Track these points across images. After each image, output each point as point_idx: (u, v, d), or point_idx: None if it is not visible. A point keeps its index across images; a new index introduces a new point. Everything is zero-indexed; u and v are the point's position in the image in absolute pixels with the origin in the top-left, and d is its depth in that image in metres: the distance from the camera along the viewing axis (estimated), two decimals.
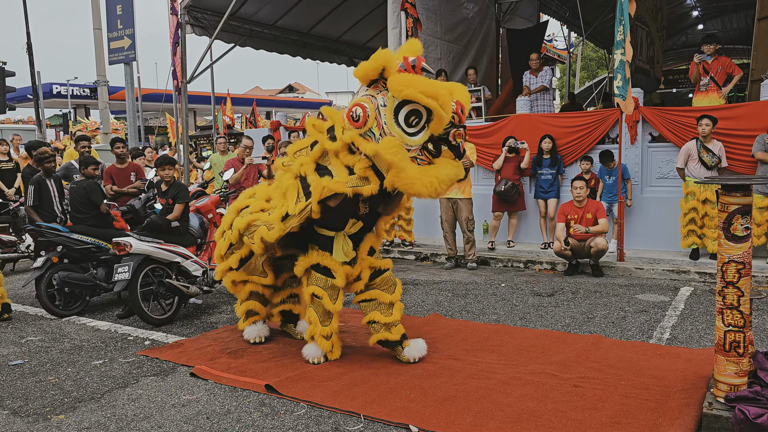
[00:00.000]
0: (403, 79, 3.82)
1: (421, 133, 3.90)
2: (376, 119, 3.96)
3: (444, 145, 3.99)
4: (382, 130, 3.94)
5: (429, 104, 3.73)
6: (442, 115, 3.77)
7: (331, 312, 4.43)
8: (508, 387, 3.92)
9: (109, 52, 12.59)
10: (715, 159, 7.41)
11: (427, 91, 3.73)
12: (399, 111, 3.88)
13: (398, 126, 3.90)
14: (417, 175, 3.86)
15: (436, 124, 3.83)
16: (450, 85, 4.12)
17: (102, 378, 4.38)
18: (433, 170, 3.91)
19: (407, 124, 3.89)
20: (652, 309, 5.86)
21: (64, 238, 6.18)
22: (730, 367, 3.03)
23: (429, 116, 3.84)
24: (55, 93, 29.66)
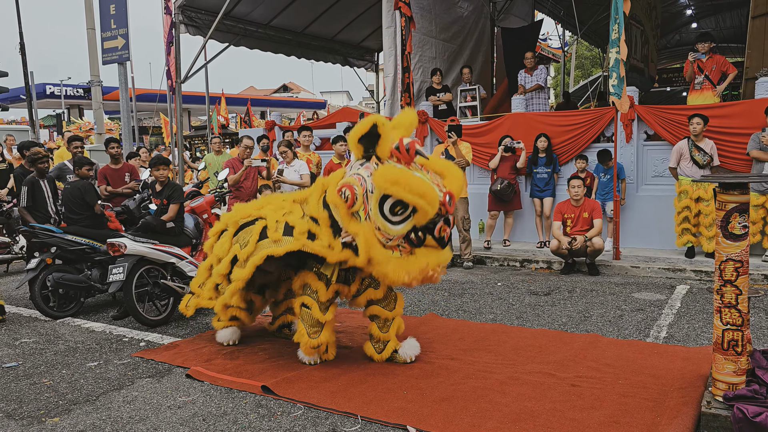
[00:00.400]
0: (391, 175, 3.83)
1: (404, 223, 3.92)
2: (363, 204, 4.02)
3: (428, 235, 3.97)
4: (368, 216, 4.00)
5: (415, 203, 3.77)
6: (428, 211, 3.82)
7: (321, 322, 4.35)
8: (506, 387, 3.90)
9: (102, 52, 12.51)
10: (707, 158, 7.43)
11: (414, 190, 3.76)
12: (384, 201, 3.91)
13: (382, 216, 3.93)
14: (391, 269, 3.93)
15: (420, 217, 3.86)
16: (443, 166, 4.15)
17: (97, 380, 4.34)
18: (408, 263, 3.94)
19: (392, 213, 3.92)
20: (648, 307, 5.86)
21: (58, 239, 6.14)
22: (729, 366, 3.02)
23: (415, 208, 3.86)
24: (48, 93, 29.52)
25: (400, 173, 3.84)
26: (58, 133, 26.44)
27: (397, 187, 3.77)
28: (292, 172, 8.05)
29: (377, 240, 3.96)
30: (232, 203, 7.73)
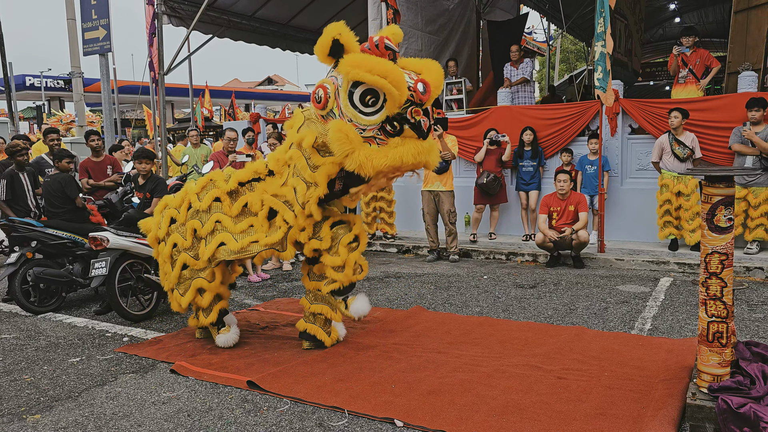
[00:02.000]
0: (353, 59, 3.80)
1: (378, 114, 3.87)
2: (336, 100, 3.97)
3: (405, 124, 3.92)
4: (341, 111, 3.95)
5: (377, 83, 3.72)
6: (393, 93, 3.74)
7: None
8: (493, 380, 3.90)
9: (83, 43, 12.31)
10: (687, 151, 7.49)
11: (375, 70, 3.70)
12: (353, 91, 3.86)
13: (353, 107, 3.89)
14: (365, 157, 3.84)
15: (390, 103, 3.81)
16: (420, 63, 4.10)
17: (79, 376, 4.28)
18: (384, 151, 3.88)
19: (364, 104, 3.86)
20: (632, 300, 5.90)
21: (38, 233, 6.05)
22: (713, 358, 3.04)
23: (386, 98, 3.81)
24: (28, 85, 29.07)
25: (362, 57, 3.80)
26: (38, 125, 26.05)
27: (359, 69, 3.72)
28: None
29: (346, 130, 3.85)
30: None
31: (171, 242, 4.74)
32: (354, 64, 3.76)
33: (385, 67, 3.74)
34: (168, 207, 4.83)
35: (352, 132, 3.85)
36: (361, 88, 3.83)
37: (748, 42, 8.88)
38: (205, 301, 4.72)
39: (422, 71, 4.03)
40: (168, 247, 4.75)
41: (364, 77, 3.72)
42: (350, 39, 3.93)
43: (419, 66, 4.10)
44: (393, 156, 3.87)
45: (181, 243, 4.70)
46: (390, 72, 3.73)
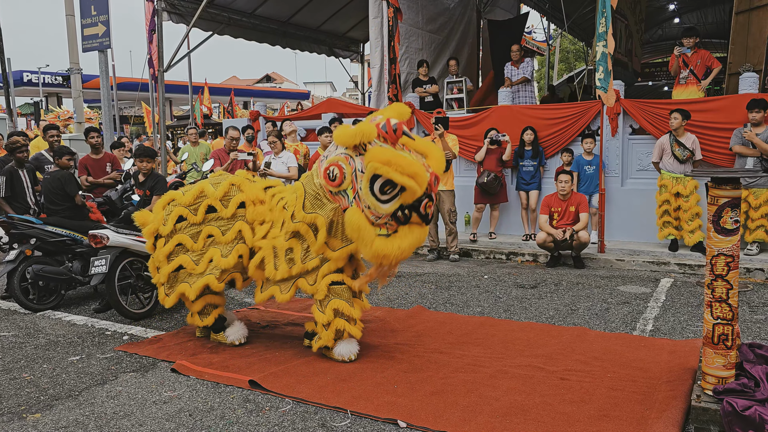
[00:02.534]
0: (383, 156, 3.90)
1: (392, 201, 3.99)
2: (352, 182, 4.12)
3: (414, 212, 4.05)
4: (357, 195, 4.09)
5: (406, 184, 3.86)
6: (416, 192, 3.92)
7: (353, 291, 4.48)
8: (495, 380, 3.89)
9: (82, 39, 12.24)
10: (687, 152, 7.48)
11: (406, 170, 3.86)
12: (375, 180, 3.97)
13: (373, 195, 3.99)
14: (380, 248, 4.01)
15: (409, 197, 3.95)
16: (425, 146, 4.18)
17: (79, 374, 4.25)
18: (397, 241, 4.04)
19: (381, 192, 3.98)
20: (634, 300, 5.89)
21: (37, 230, 6.02)
22: (719, 360, 3.03)
23: (403, 187, 3.93)
24: (25, 81, 28.94)
25: (391, 154, 3.92)
26: (36, 121, 25.95)
27: (390, 167, 3.85)
28: (279, 163, 7.95)
29: (364, 222, 4.04)
30: None
31: (175, 241, 4.66)
32: (385, 161, 3.87)
33: (414, 168, 3.88)
34: (177, 204, 4.70)
35: (368, 227, 4.04)
36: (382, 179, 3.93)
37: (749, 43, 8.87)
38: (197, 306, 4.74)
39: (427, 155, 4.13)
40: (170, 245, 4.67)
41: (394, 177, 3.85)
42: (375, 136, 4.03)
43: (423, 148, 4.17)
44: (404, 246, 4.05)
45: (189, 245, 4.63)
46: (418, 174, 3.89)
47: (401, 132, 4.05)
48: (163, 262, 4.73)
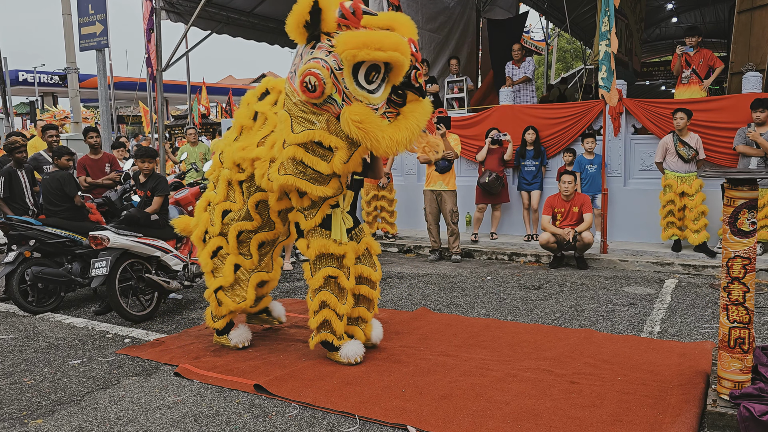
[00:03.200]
0: (356, 40, 3.55)
1: (382, 87, 3.75)
2: (335, 85, 3.70)
3: (407, 90, 3.83)
4: (345, 96, 3.72)
5: (392, 59, 3.56)
6: (404, 65, 3.62)
7: (346, 290, 4.18)
8: (504, 384, 3.84)
9: (79, 38, 12.13)
10: (692, 152, 7.44)
11: (387, 46, 3.52)
12: (357, 71, 3.68)
13: (360, 88, 3.70)
14: (392, 136, 3.71)
15: (398, 74, 3.69)
16: (389, 18, 3.86)
17: (81, 379, 4.18)
18: (404, 123, 3.79)
19: (368, 81, 3.71)
20: (639, 302, 5.85)
21: (36, 231, 5.94)
22: (735, 364, 2.99)
23: (387, 67, 3.68)
24: (21, 80, 28.81)
25: (363, 35, 3.57)
26: (32, 121, 25.81)
27: (369, 49, 3.51)
28: None
29: (369, 112, 3.70)
30: None
31: (234, 232, 4.46)
32: (359, 44, 3.52)
33: (393, 40, 3.56)
34: (217, 202, 4.49)
35: (371, 114, 3.70)
36: (365, 66, 3.66)
37: (752, 42, 8.84)
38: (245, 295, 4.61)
39: (395, 26, 3.79)
40: (233, 239, 4.47)
41: (377, 56, 3.53)
42: (329, 10, 3.65)
43: (387, 21, 3.83)
44: (412, 126, 3.79)
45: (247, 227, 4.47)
46: (400, 45, 3.57)
47: (360, 12, 3.69)
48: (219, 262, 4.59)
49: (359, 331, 4.35)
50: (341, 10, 3.68)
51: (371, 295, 4.35)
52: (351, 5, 3.69)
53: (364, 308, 4.36)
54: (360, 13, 3.69)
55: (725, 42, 16.72)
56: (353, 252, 4.18)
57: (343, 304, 4.16)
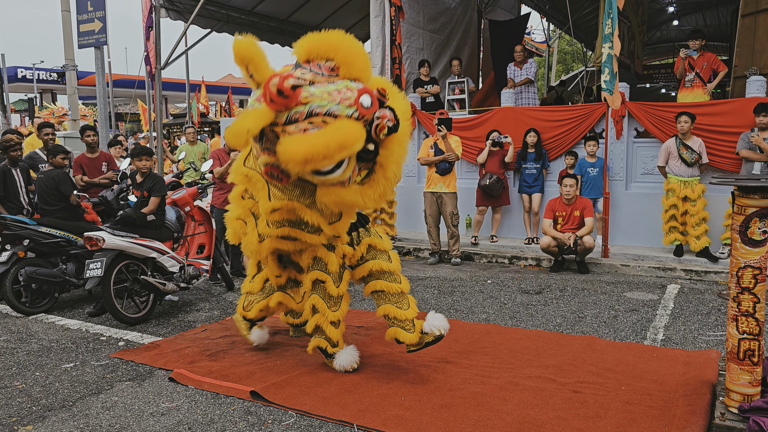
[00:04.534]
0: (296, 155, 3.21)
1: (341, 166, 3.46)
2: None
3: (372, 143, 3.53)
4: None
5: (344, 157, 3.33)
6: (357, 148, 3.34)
7: (335, 296, 4.06)
8: (506, 393, 3.76)
9: (78, 36, 12.02)
10: (695, 156, 7.37)
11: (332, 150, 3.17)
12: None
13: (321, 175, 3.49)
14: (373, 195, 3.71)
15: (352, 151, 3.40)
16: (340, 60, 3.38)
17: (73, 383, 4.10)
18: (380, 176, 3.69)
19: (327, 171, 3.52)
20: (642, 308, 5.77)
21: (31, 231, 5.86)
22: (744, 377, 2.91)
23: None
24: (20, 77, 28.68)
25: (307, 145, 3.15)
26: (30, 118, 25.70)
27: (314, 162, 3.21)
28: None
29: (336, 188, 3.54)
30: (216, 195, 7.46)
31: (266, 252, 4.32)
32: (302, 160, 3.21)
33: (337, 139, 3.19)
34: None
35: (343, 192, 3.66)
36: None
37: (756, 46, 8.76)
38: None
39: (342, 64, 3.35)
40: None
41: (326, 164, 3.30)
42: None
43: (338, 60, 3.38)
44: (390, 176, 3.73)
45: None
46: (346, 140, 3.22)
47: (290, 89, 3.20)
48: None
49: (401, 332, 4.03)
50: (267, 94, 3.26)
51: (391, 289, 4.09)
52: (275, 85, 3.22)
53: (392, 305, 4.10)
54: (289, 89, 3.22)
55: (727, 46, 16.66)
56: (336, 260, 4.06)
57: (333, 311, 4.06)
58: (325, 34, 3.42)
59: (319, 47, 3.39)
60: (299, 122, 3.27)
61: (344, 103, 3.28)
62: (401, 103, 3.72)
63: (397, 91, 3.79)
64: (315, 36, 3.43)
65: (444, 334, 4.03)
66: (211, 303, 6.23)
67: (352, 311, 5.60)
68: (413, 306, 4.18)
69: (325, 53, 3.37)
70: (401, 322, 4.07)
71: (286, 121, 3.28)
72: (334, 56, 3.35)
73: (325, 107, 3.26)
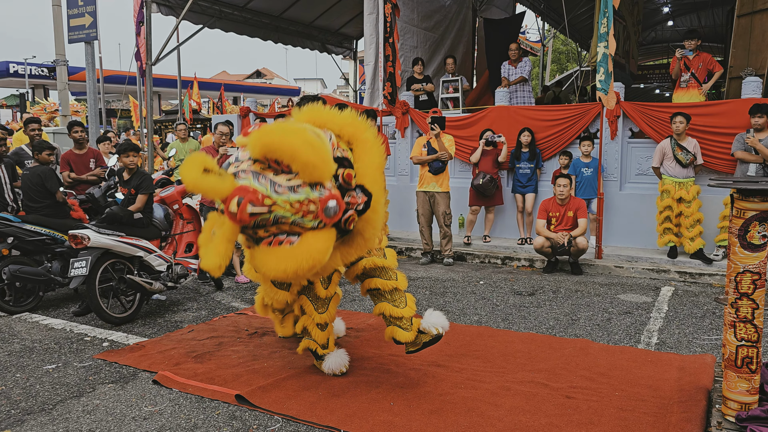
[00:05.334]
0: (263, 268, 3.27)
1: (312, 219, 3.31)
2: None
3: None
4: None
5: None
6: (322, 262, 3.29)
7: (323, 298, 3.97)
8: (497, 398, 3.68)
9: (68, 30, 11.88)
10: (690, 156, 7.32)
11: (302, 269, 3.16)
12: None
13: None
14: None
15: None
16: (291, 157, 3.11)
17: (54, 386, 3.99)
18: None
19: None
20: (635, 310, 5.70)
21: (15, 228, 5.74)
22: (742, 384, 2.84)
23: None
24: (11, 72, 28.41)
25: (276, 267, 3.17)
26: (22, 113, 25.44)
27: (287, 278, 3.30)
28: None
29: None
30: None
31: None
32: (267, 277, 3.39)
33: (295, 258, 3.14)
34: None
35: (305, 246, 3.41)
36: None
37: (752, 47, 8.73)
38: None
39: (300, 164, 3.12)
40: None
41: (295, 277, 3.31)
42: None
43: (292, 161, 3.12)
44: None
45: None
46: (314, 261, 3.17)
47: (245, 211, 3.07)
48: None
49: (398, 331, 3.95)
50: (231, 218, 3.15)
51: (387, 287, 3.99)
52: (235, 210, 3.09)
53: (387, 303, 3.99)
54: (247, 218, 3.11)
55: (722, 47, 16.65)
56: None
57: (320, 313, 3.98)
58: (281, 136, 3.09)
59: (275, 151, 3.12)
60: (267, 226, 3.19)
61: (308, 217, 3.18)
62: (372, 152, 3.54)
63: (364, 127, 3.59)
64: (271, 136, 3.12)
65: (443, 333, 3.94)
66: (199, 303, 6.12)
67: (342, 312, 5.51)
68: (411, 304, 4.08)
69: (280, 159, 3.14)
70: (398, 320, 3.98)
71: (254, 225, 3.19)
72: (290, 164, 3.12)
73: (289, 218, 3.17)
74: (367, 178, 3.48)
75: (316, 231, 3.22)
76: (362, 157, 3.54)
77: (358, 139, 3.55)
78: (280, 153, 3.07)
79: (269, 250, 3.22)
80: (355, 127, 3.57)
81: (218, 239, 3.20)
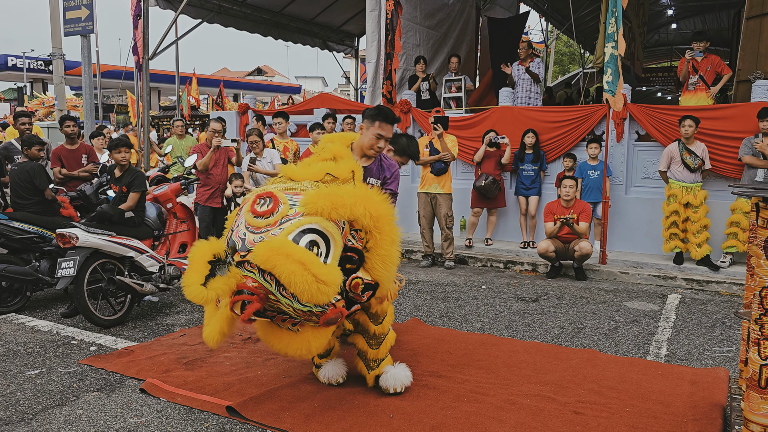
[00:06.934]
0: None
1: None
2: None
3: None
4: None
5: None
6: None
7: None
8: (502, 413, 3.49)
9: (64, 23, 11.68)
10: (698, 161, 7.14)
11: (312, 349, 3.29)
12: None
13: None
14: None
15: None
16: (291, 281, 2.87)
17: (36, 393, 3.80)
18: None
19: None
20: (643, 319, 5.52)
21: (2, 226, 5.55)
22: (765, 406, 2.65)
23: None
24: (10, 65, 28.21)
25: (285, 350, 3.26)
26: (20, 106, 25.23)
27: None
28: (266, 163, 7.45)
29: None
30: (200, 192, 7.16)
31: None
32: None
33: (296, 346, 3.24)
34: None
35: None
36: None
37: (761, 50, 8.53)
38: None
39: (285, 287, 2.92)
40: None
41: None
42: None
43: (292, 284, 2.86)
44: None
45: None
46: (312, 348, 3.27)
47: (248, 315, 3.01)
48: None
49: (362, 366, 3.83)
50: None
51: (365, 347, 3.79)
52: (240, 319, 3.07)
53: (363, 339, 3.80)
54: (247, 316, 3.01)
55: (727, 50, 16.46)
56: None
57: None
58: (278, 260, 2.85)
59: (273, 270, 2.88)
60: (269, 312, 3.15)
61: (311, 320, 3.14)
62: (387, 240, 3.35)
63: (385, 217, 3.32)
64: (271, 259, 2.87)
65: (401, 392, 3.74)
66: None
67: None
68: (385, 347, 3.81)
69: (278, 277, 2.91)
70: (365, 357, 3.81)
71: (256, 312, 3.09)
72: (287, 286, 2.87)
73: (290, 315, 3.12)
74: (375, 270, 3.34)
75: (317, 329, 3.21)
76: (376, 247, 3.33)
77: (374, 228, 3.30)
78: (278, 273, 2.86)
79: (272, 329, 3.29)
80: (376, 219, 3.28)
81: (222, 318, 3.18)
